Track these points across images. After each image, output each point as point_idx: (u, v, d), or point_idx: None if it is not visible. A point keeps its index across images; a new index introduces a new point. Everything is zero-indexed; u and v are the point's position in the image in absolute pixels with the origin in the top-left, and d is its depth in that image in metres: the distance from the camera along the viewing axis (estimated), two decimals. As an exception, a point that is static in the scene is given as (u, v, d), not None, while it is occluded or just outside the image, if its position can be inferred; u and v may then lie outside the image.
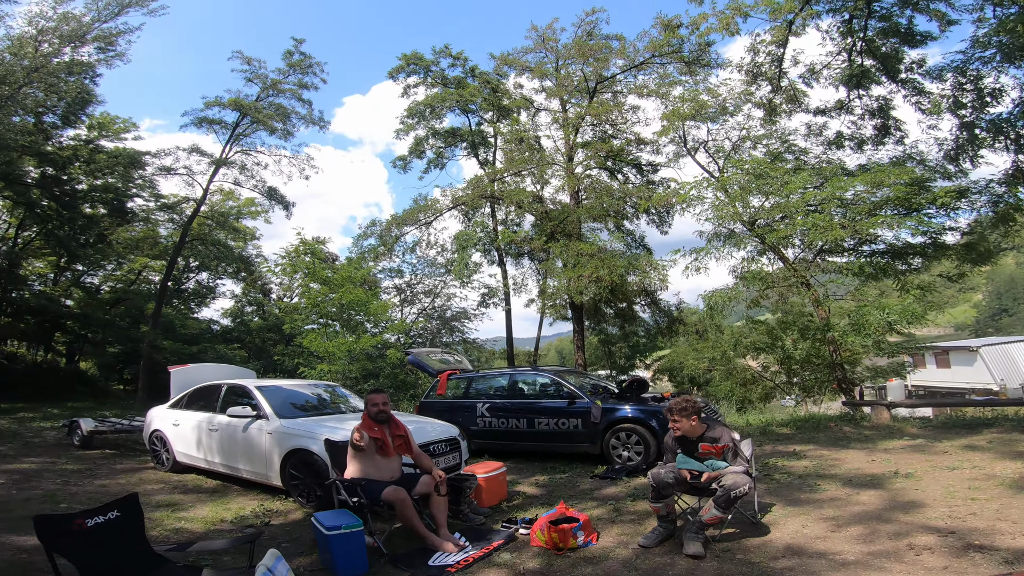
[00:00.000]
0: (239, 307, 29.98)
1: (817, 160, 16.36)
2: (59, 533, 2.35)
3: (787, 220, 13.70)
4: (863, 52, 14.71)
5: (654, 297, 20.23)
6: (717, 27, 14.79)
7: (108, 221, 21.70)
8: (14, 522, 4.67)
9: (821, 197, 13.33)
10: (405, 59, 22.01)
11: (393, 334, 17.91)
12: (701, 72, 18.04)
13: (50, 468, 7.58)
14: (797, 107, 16.45)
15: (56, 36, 16.78)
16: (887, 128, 15.37)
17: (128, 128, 22.83)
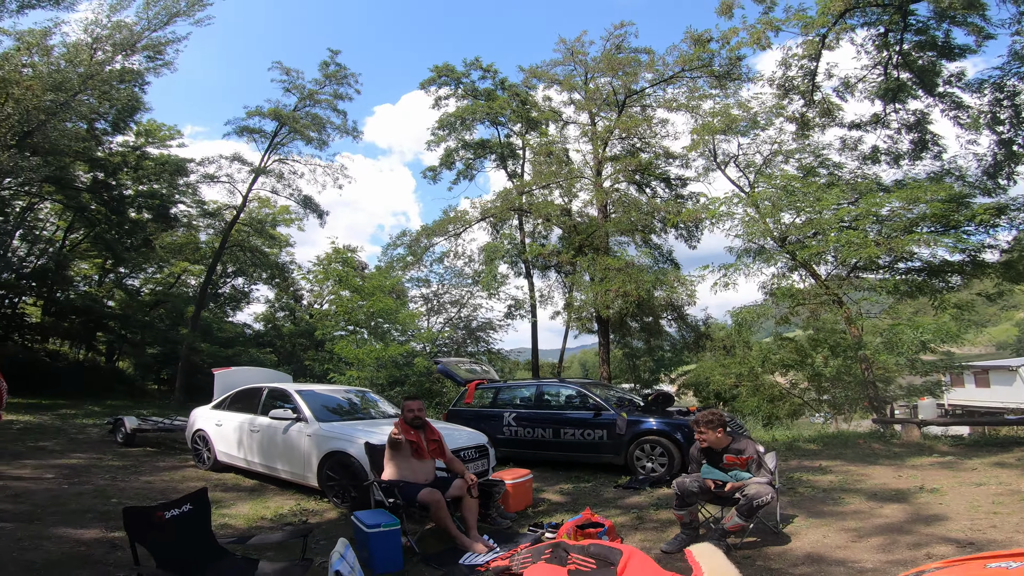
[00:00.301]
0: (272, 312, 30.86)
1: (852, 175, 16.11)
2: (144, 524, 2.58)
3: (820, 236, 13.58)
4: (899, 65, 14.53)
5: (681, 312, 20.13)
6: (748, 41, 14.80)
7: (153, 226, 22.65)
8: (69, 515, 4.88)
9: (855, 213, 13.13)
10: (437, 71, 22.53)
11: (420, 343, 18.24)
12: (732, 86, 17.97)
13: (97, 464, 7.89)
14: (831, 121, 16.26)
15: (109, 44, 17.45)
16: (924, 143, 15.09)
17: (173, 135, 23.96)
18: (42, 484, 6.15)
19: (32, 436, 9.99)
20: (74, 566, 3.63)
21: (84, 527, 4.52)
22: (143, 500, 5.69)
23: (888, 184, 15.09)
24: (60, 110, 15.58)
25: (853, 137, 16.18)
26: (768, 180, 15.80)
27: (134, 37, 17.92)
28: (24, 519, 4.60)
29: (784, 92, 16.00)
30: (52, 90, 15.09)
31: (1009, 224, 13.34)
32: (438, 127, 22.48)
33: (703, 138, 16.61)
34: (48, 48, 16.79)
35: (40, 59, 16.47)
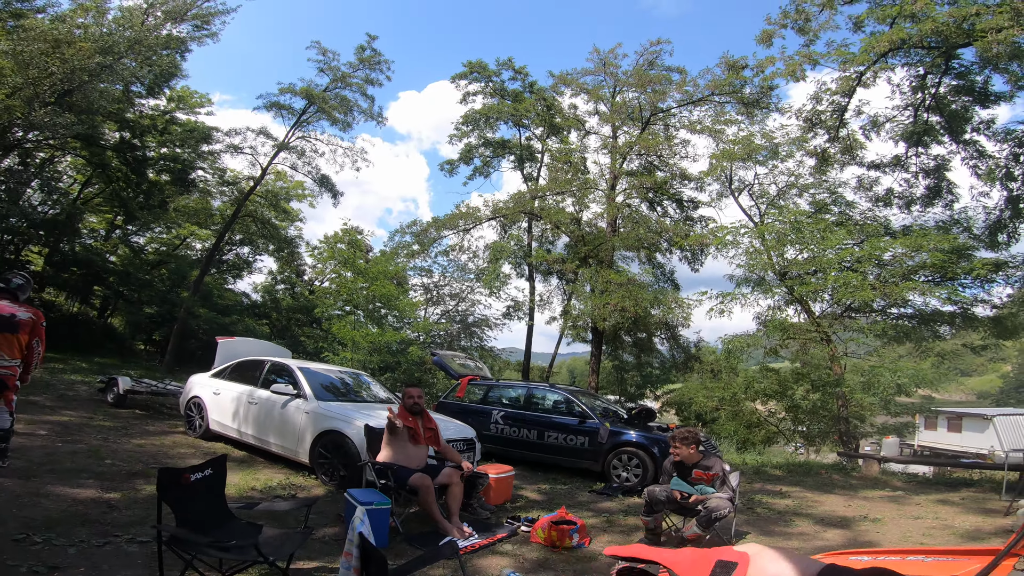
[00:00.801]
0: (272, 284, 31.04)
1: (862, 215, 16.30)
2: (172, 484, 2.79)
3: (820, 274, 13.86)
4: (931, 108, 14.51)
5: (674, 332, 20.44)
6: (783, 72, 14.70)
7: (171, 189, 22.84)
8: (64, 474, 4.95)
9: (858, 255, 13.42)
10: (469, 66, 22.62)
11: (415, 332, 18.51)
12: (759, 114, 18.03)
13: (88, 423, 7.86)
14: (851, 159, 16.33)
15: (161, 10, 17.58)
16: (939, 189, 15.09)
17: (204, 103, 24.16)
18: (36, 441, 6.21)
19: (23, 389, 10.08)
20: (73, 524, 3.73)
21: (80, 487, 4.65)
22: (135, 463, 5.81)
23: (896, 228, 15.32)
24: (103, 72, 15.58)
25: (870, 177, 16.32)
26: (780, 212, 16.01)
27: (186, 5, 18.03)
28: (22, 475, 4.68)
29: (810, 125, 15.99)
30: (100, 53, 15.11)
31: (1004, 280, 13.67)
32: (463, 122, 22.68)
33: (721, 164, 16.77)
34: (104, 10, 16.98)
35: (93, 20, 16.60)
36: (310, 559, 3.59)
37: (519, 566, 3.89)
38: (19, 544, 3.22)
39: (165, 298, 23.81)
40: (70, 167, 23.32)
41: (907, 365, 12.72)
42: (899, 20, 11.86)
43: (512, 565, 3.88)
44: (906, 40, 11.74)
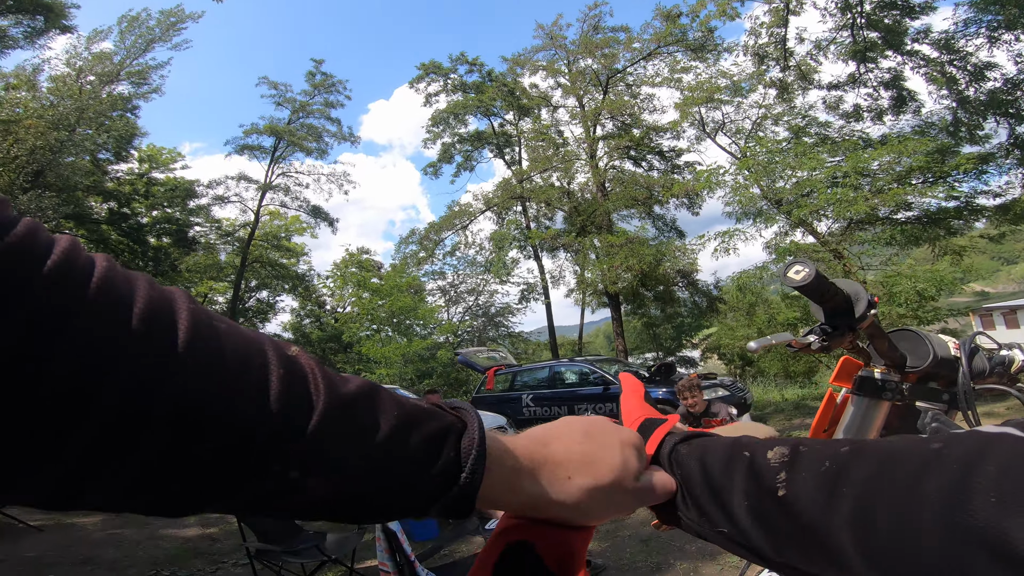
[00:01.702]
0: (298, 320, 32.02)
1: (838, 133, 16.46)
2: None
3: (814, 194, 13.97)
4: (864, 26, 14.80)
5: (691, 279, 20.64)
6: (716, 13, 15.15)
7: (175, 251, 23.74)
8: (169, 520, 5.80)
9: (844, 170, 13.53)
10: (424, 68, 22.71)
11: (443, 335, 19.10)
12: (710, 57, 18.21)
13: None
14: (809, 84, 16.61)
15: (92, 74, 18.00)
16: (903, 98, 15.39)
17: (175, 158, 24.76)
18: None
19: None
20: (188, 557, 4.48)
21: (186, 527, 5.43)
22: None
23: (878, 138, 15.41)
24: (63, 146, 16.09)
25: (833, 97, 16.51)
26: (761, 143, 16.16)
27: (116, 67, 18.45)
28: (137, 524, 5.47)
29: (759, 59, 16.37)
30: (53, 127, 15.59)
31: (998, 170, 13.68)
32: (432, 124, 22.87)
33: (686, 113, 17.01)
34: (35, 84, 17.34)
35: (28, 95, 16.93)
36: (372, 559, 4.15)
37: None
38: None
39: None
40: (76, 249, 24.29)
41: (923, 268, 12.74)
42: None
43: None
44: None
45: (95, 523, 5.63)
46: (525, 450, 0.41)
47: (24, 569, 4.12)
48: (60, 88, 17.29)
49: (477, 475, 0.37)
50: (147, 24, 18.97)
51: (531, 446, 0.42)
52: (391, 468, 0.35)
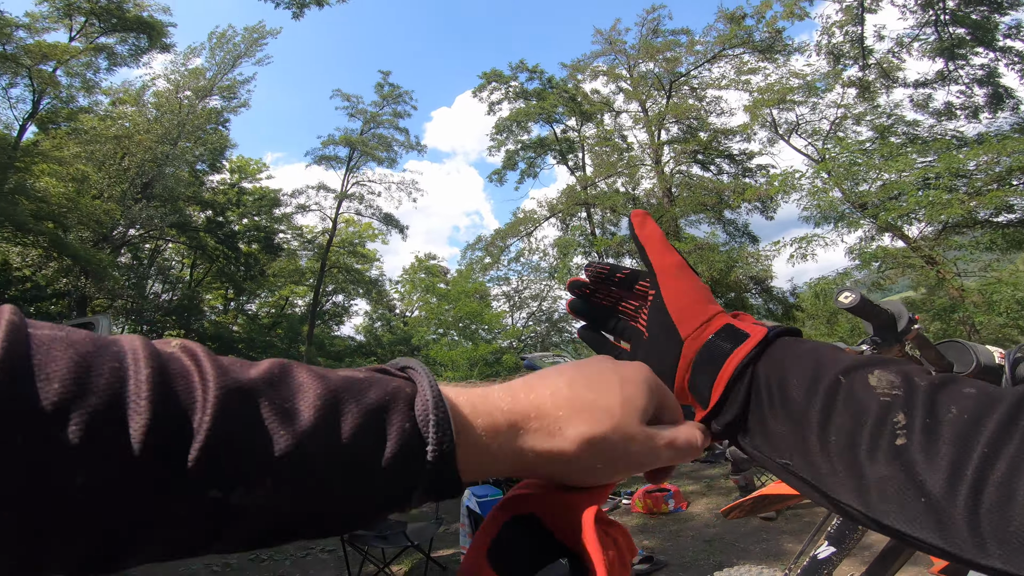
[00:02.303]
0: (370, 323, 33.53)
1: (928, 132, 15.38)
2: None
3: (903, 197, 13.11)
4: (949, 23, 13.88)
5: (765, 285, 19.85)
6: (783, 13, 14.54)
7: (263, 256, 25.56)
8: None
9: (936, 171, 12.63)
10: (485, 77, 23.06)
11: (507, 340, 19.44)
12: (780, 57, 17.47)
13: None
14: (892, 82, 15.68)
15: (189, 90, 19.51)
16: (999, 96, 14.24)
17: (260, 168, 26.79)
18: None
19: None
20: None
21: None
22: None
23: (972, 137, 14.27)
24: (167, 159, 17.49)
25: (921, 95, 15.49)
26: (842, 144, 15.34)
27: (209, 82, 19.97)
28: None
29: (835, 58, 15.63)
30: (159, 141, 17.09)
31: None
32: (495, 132, 23.25)
33: (756, 115, 16.43)
34: (141, 100, 19.06)
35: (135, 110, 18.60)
36: (447, 548, 4.44)
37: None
38: (253, 562, 4.37)
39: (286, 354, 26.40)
40: (174, 253, 26.70)
41: (1026, 274, 11.68)
42: None
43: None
44: None
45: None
46: (500, 402, 0.34)
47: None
48: (162, 103, 18.83)
49: (447, 445, 0.30)
50: (233, 40, 20.43)
51: (506, 396, 0.35)
52: (332, 459, 0.27)
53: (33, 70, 14.30)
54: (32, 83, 14.63)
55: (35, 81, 14.56)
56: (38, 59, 14.29)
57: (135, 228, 18.77)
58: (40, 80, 14.56)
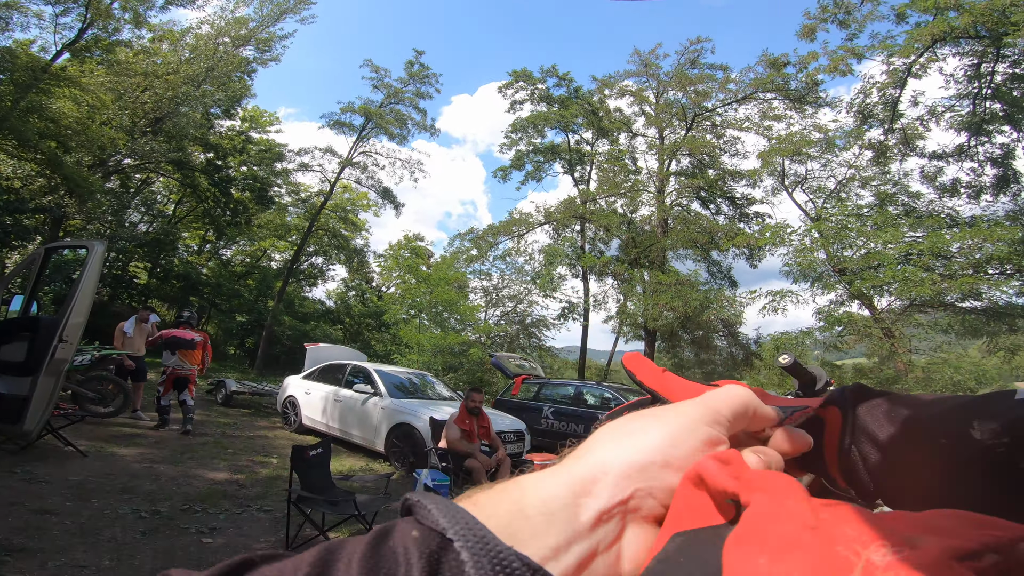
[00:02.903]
0: (344, 291, 33.26)
1: (927, 207, 15.84)
2: (299, 458, 3.85)
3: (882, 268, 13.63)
4: (989, 97, 14.12)
5: (732, 329, 20.40)
6: (827, 68, 14.73)
7: (254, 207, 25.16)
8: (202, 460, 6.17)
9: (920, 248, 13.17)
10: (515, 75, 23.30)
11: (477, 334, 19.55)
12: (808, 108, 17.86)
13: (208, 420, 9.20)
14: (910, 150, 15.97)
15: (228, 37, 19.20)
16: (1007, 178, 14.65)
17: (272, 122, 26.48)
18: (171, 434, 7.51)
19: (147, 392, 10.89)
20: (218, 498, 4.83)
21: (216, 470, 5.89)
22: (252, 452, 7.07)
23: (966, 218, 14.84)
24: (186, 99, 17.28)
25: (933, 167, 15.86)
26: (841, 206, 15.79)
27: (250, 33, 19.67)
28: (171, 462, 5.94)
29: (863, 119, 15.82)
30: (184, 82, 16.86)
31: None
32: (511, 130, 23.41)
33: (771, 160, 16.76)
34: (178, 40, 18.71)
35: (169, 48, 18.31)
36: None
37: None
38: (185, 512, 4.39)
39: (253, 307, 26.13)
40: (163, 188, 26.06)
41: (970, 361, 12.36)
42: (942, 11, 11.60)
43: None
44: (950, 31, 11.45)
45: (133, 454, 6.07)
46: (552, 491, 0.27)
47: (69, 492, 4.45)
48: (199, 47, 18.52)
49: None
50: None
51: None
52: None
53: (94, 0, 13.97)
54: (86, 13, 14.30)
55: (90, 11, 14.24)
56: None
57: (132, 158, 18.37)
58: (96, 11, 14.26)
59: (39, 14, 14.28)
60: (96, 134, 15.30)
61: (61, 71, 14.60)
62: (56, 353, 4.43)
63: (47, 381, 4.44)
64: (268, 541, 3.96)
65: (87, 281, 4.67)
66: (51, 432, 5.59)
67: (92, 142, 15.21)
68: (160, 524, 4.04)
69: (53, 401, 4.69)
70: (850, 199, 16.54)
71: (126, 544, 3.60)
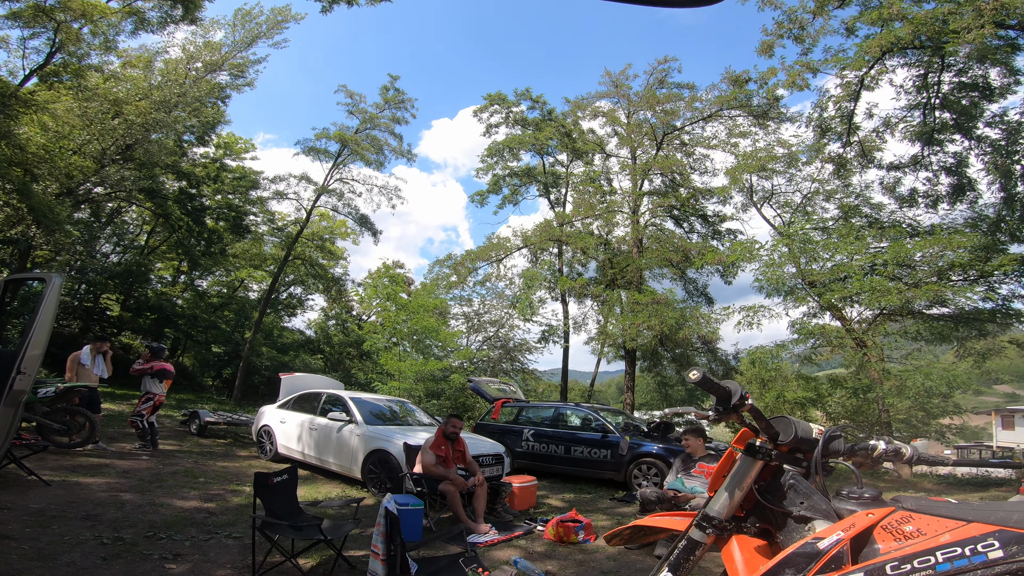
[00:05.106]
0: (324, 321, 32.90)
1: (889, 217, 16.21)
2: (263, 485, 3.80)
3: (849, 279, 13.96)
4: (939, 107, 14.46)
5: (711, 346, 20.61)
6: (786, 82, 15.16)
7: (229, 236, 24.85)
8: (171, 489, 6.11)
9: (883, 259, 13.52)
10: (490, 99, 23.53)
11: (458, 360, 19.43)
12: (771, 124, 18.36)
13: (179, 450, 9.18)
14: (869, 163, 16.31)
15: (200, 62, 19.09)
16: (962, 187, 14.95)
17: (248, 148, 26.28)
18: (141, 464, 7.42)
19: (120, 423, 11.07)
20: (185, 525, 4.77)
21: (184, 499, 5.78)
22: (225, 481, 6.95)
23: (927, 227, 15.18)
24: (156, 125, 16.94)
25: (892, 178, 16.22)
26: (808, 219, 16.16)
27: (222, 58, 19.60)
28: (138, 490, 5.84)
29: (822, 132, 16.16)
30: (155, 108, 16.56)
31: None
32: (487, 154, 23.55)
33: (736, 180, 17.15)
34: (151, 65, 18.47)
35: (141, 74, 18.01)
36: (359, 548, 4.50)
37: (527, 556, 4.65)
38: (149, 539, 4.28)
39: (230, 338, 25.69)
40: (135, 217, 25.46)
41: (939, 367, 12.67)
42: (888, 22, 12.14)
43: (521, 555, 4.64)
44: (897, 42, 11.97)
45: (99, 483, 5.97)
46: None
47: (29, 519, 4.39)
48: (170, 72, 18.35)
49: None
50: (257, 19, 20.11)
51: None
52: None
53: (63, 25, 13.90)
54: (55, 37, 14.24)
55: (59, 36, 14.16)
56: (76, 16, 13.92)
57: (103, 187, 18.05)
58: (66, 36, 14.17)
59: (5, 39, 14.23)
60: (64, 162, 15.09)
61: (29, 95, 14.42)
62: (14, 384, 4.35)
63: (6, 411, 4.36)
64: (235, 567, 3.86)
65: (44, 313, 4.62)
66: (13, 461, 5.54)
67: (60, 170, 14.99)
68: (122, 550, 3.94)
69: (13, 431, 4.61)
70: (815, 212, 16.98)
71: (85, 568, 3.52)
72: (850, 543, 1.31)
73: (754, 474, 1.62)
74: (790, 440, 1.58)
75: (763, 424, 1.60)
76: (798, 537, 1.47)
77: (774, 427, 1.63)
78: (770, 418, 1.64)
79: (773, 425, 1.63)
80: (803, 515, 1.52)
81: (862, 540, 1.33)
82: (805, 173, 17.44)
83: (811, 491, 1.56)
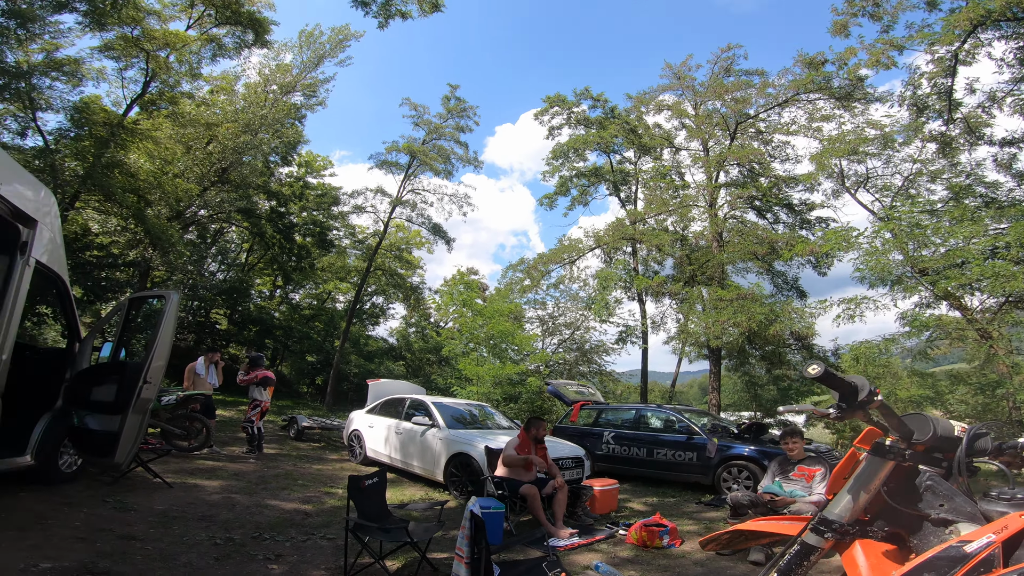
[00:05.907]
0: (405, 328, 34.21)
1: (1008, 195, 14.63)
2: (356, 487, 4.03)
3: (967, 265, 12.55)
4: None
5: (806, 342, 19.22)
6: (868, 62, 14.14)
7: (316, 251, 26.53)
8: (274, 491, 6.56)
9: (1005, 241, 12.05)
10: (549, 101, 23.20)
11: (535, 363, 19.45)
12: (857, 106, 17.00)
13: (281, 453, 9.86)
14: (977, 139, 14.87)
15: (275, 84, 20.40)
16: None
17: (326, 166, 27.95)
18: (249, 467, 8.06)
19: (229, 428, 12.17)
20: (285, 526, 5.10)
21: (285, 500, 6.20)
22: (320, 483, 7.38)
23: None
24: (246, 148, 18.29)
25: (1007, 154, 14.70)
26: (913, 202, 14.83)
27: (294, 79, 20.88)
28: (246, 492, 6.34)
29: (918, 110, 14.93)
30: (243, 131, 17.91)
31: None
32: (552, 157, 23.22)
33: (826, 162, 16.02)
34: (233, 90, 20.06)
35: (227, 98, 19.58)
36: (443, 551, 4.60)
37: (610, 561, 4.55)
38: (256, 540, 4.62)
39: (321, 347, 27.42)
40: (235, 237, 27.91)
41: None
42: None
43: (603, 560, 4.55)
44: (988, 15, 10.71)
45: (214, 485, 6.51)
46: None
47: (154, 520, 4.81)
48: (251, 95, 19.84)
49: None
50: (320, 40, 21.40)
51: None
52: None
53: (152, 55, 15.42)
54: (147, 67, 15.79)
55: (150, 65, 15.70)
56: (161, 45, 15.40)
57: (206, 209, 19.87)
58: (156, 65, 15.70)
59: (102, 70, 15.81)
60: (171, 187, 16.65)
61: (134, 125, 15.96)
62: (142, 393, 4.84)
63: (134, 418, 4.85)
64: (328, 568, 4.08)
65: (165, 328, 5.12)
66: (140, 465, 6.13)
67: (170, 195, 16.60)
68: (232, 551, 4.26)
69: (140, 436, 5.10)
70: (920, 195, 15.46)
71: (200, 569, 3.82)
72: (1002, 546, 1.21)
73: (883, 475, 1.51)
74: (927, 439, 1.47)
75: (894, 422, 1.49)
76: (938, 541, 1.37)
77: (907, 425, 1.50)
78: (902, 415, 1.51)
79: (906, 423, 1.51)
80: (944, 518, 1.39)
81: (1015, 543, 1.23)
82: (904, 154, 16.01)
83: (953, 492, 1.43)
